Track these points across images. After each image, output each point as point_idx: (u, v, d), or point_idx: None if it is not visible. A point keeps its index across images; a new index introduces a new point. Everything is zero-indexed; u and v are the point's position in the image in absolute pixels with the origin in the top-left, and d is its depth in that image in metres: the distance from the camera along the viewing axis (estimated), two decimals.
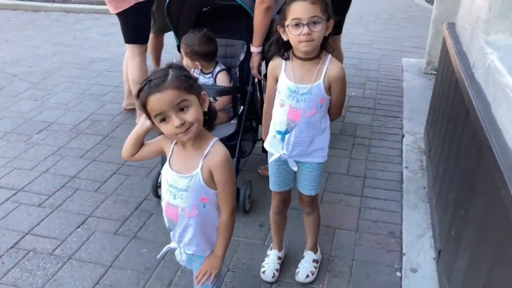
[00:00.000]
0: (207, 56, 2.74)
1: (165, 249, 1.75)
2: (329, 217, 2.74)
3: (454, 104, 2.51)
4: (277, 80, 2.01)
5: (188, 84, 1.45)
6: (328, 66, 1.92)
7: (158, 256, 1.80)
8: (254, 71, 2.78)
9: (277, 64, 2.00)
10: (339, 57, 3.95)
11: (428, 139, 3.30)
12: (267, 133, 2.13)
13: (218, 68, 2.76)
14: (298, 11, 1.81)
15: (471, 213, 1.88)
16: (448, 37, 2.98)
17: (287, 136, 2.01)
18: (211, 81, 2.76)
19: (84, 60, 5.39)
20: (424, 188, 3.02)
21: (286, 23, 1.85)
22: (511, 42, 2.12)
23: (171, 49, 4.57)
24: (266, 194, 2.97)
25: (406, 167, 3.26)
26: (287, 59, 1.97)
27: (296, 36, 1.83)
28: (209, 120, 1.59)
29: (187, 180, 1.56)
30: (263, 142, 3.29)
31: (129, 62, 3.74)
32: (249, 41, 2.82)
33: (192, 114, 1.46)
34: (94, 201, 2.93)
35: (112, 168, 3.28)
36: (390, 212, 2.82)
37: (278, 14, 1.91)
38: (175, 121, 1.44)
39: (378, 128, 3.85)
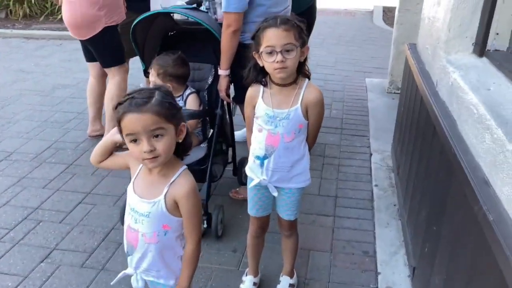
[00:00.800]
0: (180, 79, 2.72)
1: (120, 274, 1.67)
2: (303, 239, 2.70)
3: (421, 122, 2.57)
4: (254, 107, 2.00)
5: (169, 112, 1.41)
6: (305, 90, 1.93)
7: (112, 283, 1.72)
8: (222, 94, 2.77)
9: (255, 92, 1.99)
10: None
11: (396, 157, 3.36)
12: None
13: (188, 91, 2.73)
14: (271, 38, 1.81)
15: (444, 229, 1.90)
16: (410, 57, 3.07)
17: (266, 161, 2.00)
18: (181, 104, 2.73)
19: (46, 87, 5.25)
20: (394, 205, 3.05)
21: (260, 50, 1.85)
22: (470, 61, 2.20)
23: (136, 73, 4.53)
24: (239, 218, 2.94)
25: (376, 185, 3.30)
26: (265, 85, 1.96)
27: (270, 63, 1.83)
28: (181, 150, 1.55)
29: (149, 206, 1.51)
30: (234, 164, 3.30)
31: (109, 81, 3.70)
32: (216, 64, 2.81)
33: (164, 144, 1.42)
34: (58, 233, 2.80)
35: (78, 198, 3.16)
36: (363, 231, 2.82)
37: (253, 39, 1.91)
38: (144, 146, 1.40)
39: (347, 147, 3.89)
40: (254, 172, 2.08)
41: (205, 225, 2.68)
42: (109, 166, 1.69)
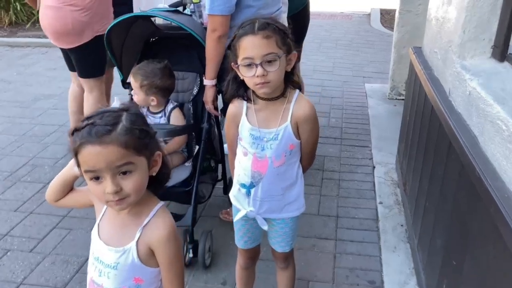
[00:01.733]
0: (166, 92, 2.43)
1: None
2: (301, 268, 2.42)
3: (431, 134, 2.28)
4: (237, 127, 1.72)
5: (140, 142, 1.12)
6: (295, 104, 1.64)
7: None
8: (208, 106, 2.48)
9: (237, 108, 1.71)
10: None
11: (402, 171, 3.07)
12: None
13: (171, 106, 2.43)
14: (248, 48, 1.53)
15: (467, 265, 1.61)
16: (416, 62, 2.79)
17: (253, 190, 1.72)
18: (163, 121, 2.43)
19: (27, 97, 4.95)
20: (402, 225, 2.76)
21: (238, 61, 1.57)
22: (490, 66, 1.92)
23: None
24: (230, 244, 2.64)
25: (381, 203, 3.01)
26: (247, 99, 1.68)
27: (249, 78, 1.55)
28: (157, 184, 1.26)
29: (117, 255, 1.22)
30: (225, 182, 3.01)
31: (85, 96, 3.40)
32: (202, 73, 2.53)
33: (134, 182, 1.13)
34: (27, 264, 2.50)
35: (52, 222, 2.86)
36: (368, 257, 2.53)
37: (229, 49, 1.63)
38: (108, 186, 1.11)
39: (347, 159, 3.61)
40: (239, 202, 1.79)
41: (190, 255, 2.38)
42: (69, 205, 1.43)
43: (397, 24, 4.66)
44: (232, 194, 1.83)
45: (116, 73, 3.86)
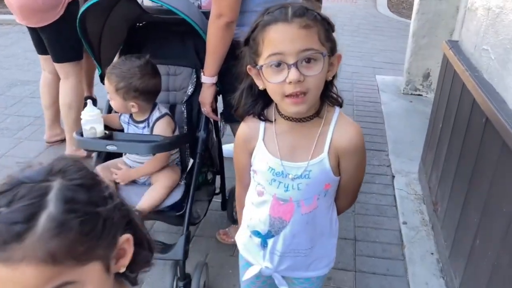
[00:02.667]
0: (150, 95, 1.91)
1: None
2: None
3: (484, 151, 1.84)
4: (251, 155, 1.26)
5: (85, 242, 0.63)
6: (335, 128, 1.19)
7: None
8: (206, 109, 2.00)
9: (251, 130, 1.25)
10: None
11: (430, 186, 2.63)
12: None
13: (156, 114, 1.93)
14: (279, 41, 1.07)
15: None
16: (455, 60, 2.33)
17: (271, 241, 1.27)
18: (146, 132, 1.95)
19: (2, 82, 4.44)
20: (432, 254, 2.34)
21: (260, 61, 1.11)
22: None
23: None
24: (228, 273, 2.22)
25: (405, 223, 2.58)
26: (265, 120, 1.22)
27: (277, 85, 1.09)
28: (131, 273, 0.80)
29: None
30: (223, 196, 2.57)
31: (61, 84, 2.94)
32: (199, 68, 2.06)
33: None
34: None
35: None
36: None
37: (246, 44, 1.17)
38: None
39: None
40: (251, 254, 1.35)
41: None
42: None
43: (416, 12, 4.17)
44: (241, 241, 1.38)
45: None
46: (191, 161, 2.06)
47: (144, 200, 1.88)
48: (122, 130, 2.02)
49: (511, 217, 1.51)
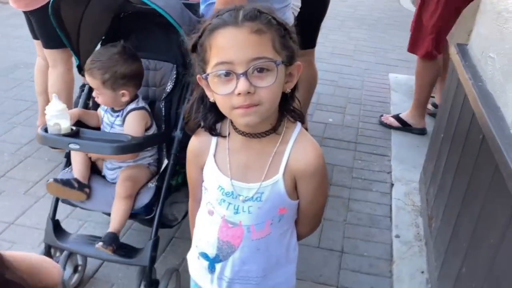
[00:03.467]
0: (137, 79, 1.87)
1: None
2: None
3: (478, 172, 1.68)
4: (202, 169, 1.15)
5: None
6: (293, 148, 1.06)
7: None
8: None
9: (201, 145, 1.14)
10: (312, 77, 3.12)
11: (428, 199, 2.47)
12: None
13: (132, 106, 1.84)
14: (226, 48, 0.95)
15: None
16: (460, 66, 2.15)
17: (219, 266, 1.16)
18: (118, 122, 1.86)
19: (6, 64, 4.40)
20: (422, 272, 2.19)
21: (208, 70, 0.99)
22: None
23: None
24: None
25: (397, 236, 2.43)
26: (217, 135, 1.10)
27: (225, 97, 0.97)
28: None
29: None
30: None
31: (50, 72, 2.85)
32: (180, 64, 1.94)
33: None
34: None
35: None
36: None
37: (194, 51, 1.04)
38: None
39: (361, 171, 3.01)
40: (199, 276, 1.24)
41: None
42: None
43: None
44: (190, 260, 1.27)
45: None
46: (165, 163, 1.95)
47: (113, 219, 1.82)
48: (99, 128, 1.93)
49: (497, 250, 1.36)
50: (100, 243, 1.77)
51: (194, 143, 1.15)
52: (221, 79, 0.96)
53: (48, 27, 2.75)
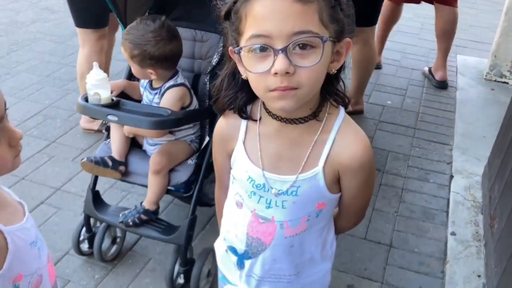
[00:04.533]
0: (168, 62, 1.74)
1: None
2: None
3: None
4: (230, 156, 1.03)
5: None
6: (337, 138, 0.93)
7: None
8: None
9: (230, 128, 1.02)
10: (369, 57, 2.91)
11: (491, 196, 2.24)
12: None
13: (170, 83, 1.75)
14: (265, 17, 0.81)
15: None
16: None
17: (248, 263, 1.05)
18: (156, 100, 1.78)
19: (65, 31, 4.47)
20: (478, 276, 2.00)
21: (242, 43, 0.86)
22: None
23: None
24: None
25: (453, 234, 2.23)
26: (247, 118, 0.98)
27: (259, 76, 0.84)
28: None
29: None
30: None
31: (79, 52, 2.80)
32: None
33: None
34: None
35: (41, 195, 2.40)
36: None
37: (227, 19, 0.92)
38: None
39: (418, 160, 2.80)
40: (228, 270, 1.14)
41: (181, 280, 1.81)
42: None
43: None
44: (218, 251, 1.17)
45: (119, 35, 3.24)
46: (207, 140, 1.87)
47: (148, 196, 1.78)
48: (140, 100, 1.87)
49: None
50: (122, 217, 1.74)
51: (222, 125, 1.04)
52: (256, 54, 0.84)
53: (75, 5, 2.68)
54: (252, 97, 0.96)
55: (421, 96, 3.56)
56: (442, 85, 3.66)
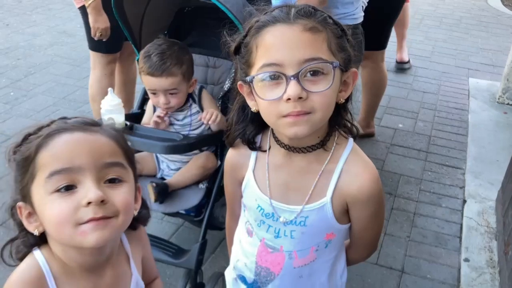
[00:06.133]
0: (190, 68, 1.78)
1: None
2: None
3: None
4: (241, 184, 1.05)
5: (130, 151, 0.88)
6: (344, 168, 0.94)
7: None
8: None
9: (240, 158, 1.05)
10: (379, 80, 2.93)
11: (505, 222, 2.22)
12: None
13: (195, 91, 1.82)
14: (277, 47, 0.85)
15: None
16: None
17: None
18: (188, 122, 1.81)
19: (81, 54, 4.58)
20: None
21: (252, 73, 0.88)
22: None
23: None
24: None
25: (467, 260, 2.20)
26: (256, 149, 1.01)
27: (271, 103, 0.87)
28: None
29: None
30: None
31: (90, 73, 2.86)
32: None
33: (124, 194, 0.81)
34: None
35: None
36: None
37: (237, 53, 0.95)
38: (90, 190, 0.76)
39: (430, 184, 2.78)
40: None
41: None
42: None
43: None
44: (228, 279, 1.18)
45: None
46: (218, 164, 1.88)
47: (175, 176, 1.80)
48: None
49: None
50: (153, 185, 1.73)
51: (233, 156, 1.06)
52: (268, 82, 0.86)
53: (87, 27, 2.72)
54: (261, 129, 0.98)
55: (433, 119, 3.55)
56: (401, 66, 4.31)
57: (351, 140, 0.97)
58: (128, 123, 1.69)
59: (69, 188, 0.77)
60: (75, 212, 0.75)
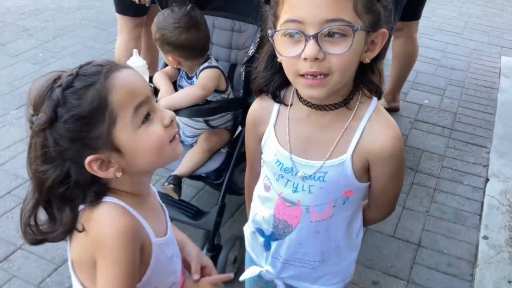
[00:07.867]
0: (186, 50, 1.74)
1: None
2: None
3: None
4: (261, 140, 1.06)
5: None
6: (367, 126, 0.94)
7: None
8: None
9: (262, 111, 1.04)
10: (411, 52, 2.86)
11: None
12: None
13: (205, 65, 1.79)
14: (300, 3, 0.83)
15: None
16: None
17: (274, 244, 1.08)
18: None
19: (108, 18, 4.59)
20: (509, 282, 1.96)
21: (277, 26, 0.88)
22: None
23: None
24: None
25: (486, 238, 2.19)
26: (279, 102, 1.01)
27: (290, 60, 0.86)
28: None
29: None
30: None
31: (117, 37, 2.87)
32: None
33: None
34: None
35: None
36: None
37: (267, 3, 0.94)
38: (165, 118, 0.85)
39: (453, 161, 2.74)
40: (254, 252, 1.17)
41: None
42: None
43: None
44: (247, 233, 1.20)
45: None
46: (239, 130, 1.90)
47: (182, 164, 1.80)
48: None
49: None
50: (171, 186, 1.76)
51: (255, 108, 1.07)
52: (288, 39, 0.86)
53: None
54: (286, 82, 0.97)
55: (460, 97, 3.48)
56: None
57: (375, 99, 0.96)
58: (151, 85, 1.71)
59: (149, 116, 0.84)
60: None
